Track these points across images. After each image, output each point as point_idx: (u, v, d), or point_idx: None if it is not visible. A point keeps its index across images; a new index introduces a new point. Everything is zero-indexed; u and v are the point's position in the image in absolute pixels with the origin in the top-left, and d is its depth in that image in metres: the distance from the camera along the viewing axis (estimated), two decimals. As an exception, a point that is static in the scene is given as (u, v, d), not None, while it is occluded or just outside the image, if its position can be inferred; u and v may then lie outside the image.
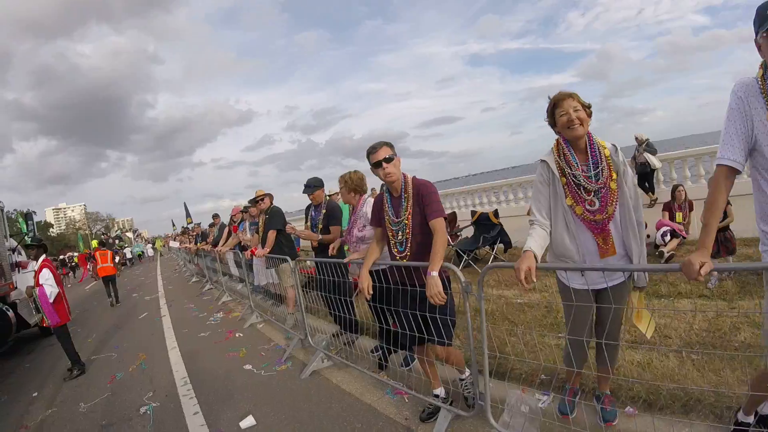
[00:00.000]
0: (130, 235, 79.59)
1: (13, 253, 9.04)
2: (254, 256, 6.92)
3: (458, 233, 10.72)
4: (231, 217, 10.24)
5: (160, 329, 8.36)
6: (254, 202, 7.17)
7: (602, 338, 2.62)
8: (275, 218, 6.74)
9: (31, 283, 6.57)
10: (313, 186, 5.72)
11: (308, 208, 5.98)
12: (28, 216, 10.50)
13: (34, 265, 10.19)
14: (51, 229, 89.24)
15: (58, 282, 6.48)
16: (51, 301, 6.26)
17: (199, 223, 14.35)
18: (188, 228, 22.50)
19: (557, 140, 2.74)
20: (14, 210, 28.37)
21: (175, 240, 17.75)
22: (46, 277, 6.33)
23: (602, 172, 2.60)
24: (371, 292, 3.45)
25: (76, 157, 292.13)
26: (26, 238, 9.73)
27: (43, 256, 6.66)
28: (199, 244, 13.24)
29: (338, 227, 5.48)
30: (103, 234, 61.19)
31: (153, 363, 6.36)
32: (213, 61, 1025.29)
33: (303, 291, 5.55)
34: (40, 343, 9.10)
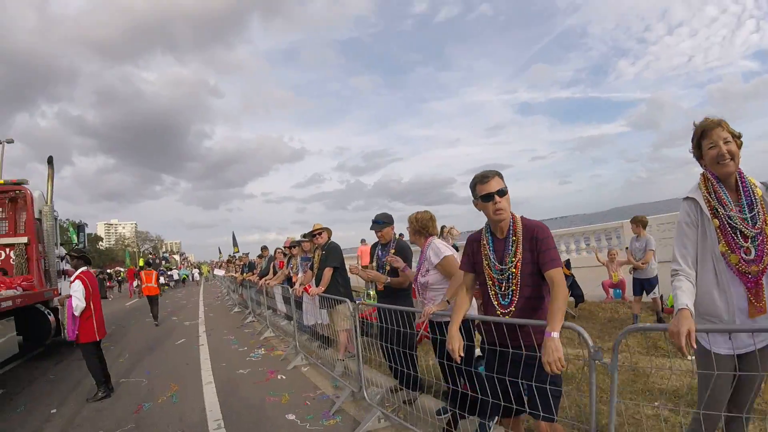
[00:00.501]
0: (176, 257, 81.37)
1: (62, 261, 9.14)
2: (307, 294, 6.37)
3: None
4: (281, 250, 9.87)
5: (196, 359, 7.82)
6: (311, 235, 6.67)
7: (743, 411, 2.22)
8: (333, 255, 6.23)
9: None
10: (382, 222, 5.14)
11: (374, 246, 5.44)
12: (80, 227, 10.91)
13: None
14: (100, 243, 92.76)
15: (93, 298, 6.03)
16: (76, 314, 5.84)
17: (247, 254, 14.05)
18: (235, 257, 22.41)
19: (704, 175, 2.34)
20: (67, 219, 29.01)
21: (220, 268, 17.52)
22: (75, 289, 5.92)
23: (758, 214, 2.17)
24: (462, 354, 2.82)
25: (131, 177, 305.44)
26: (79, 245, 10.36)
27: (84, 268, 6.25)
28: (245, 274, 12.88)
29: (410, 271, 4.90)
30: (150, 254, 62.72)
31: (185, 397, 5.78)
32: (270, 98, 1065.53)
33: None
34: (72, 354, 8.65)
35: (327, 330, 6.91)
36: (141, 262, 28.23)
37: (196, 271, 45.15)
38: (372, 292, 9.84)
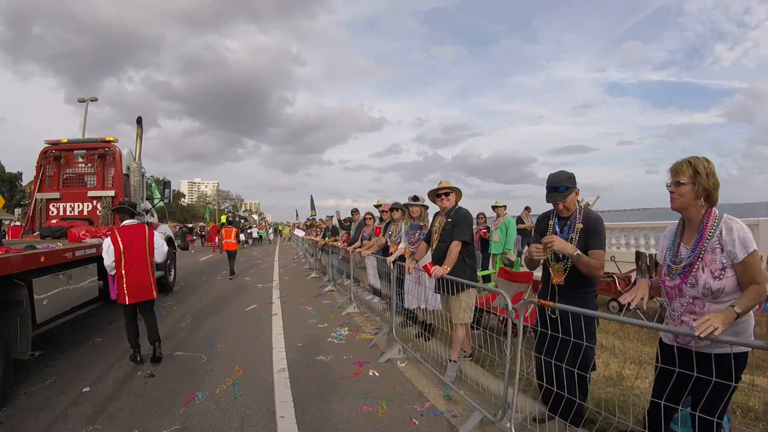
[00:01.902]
0: (255, 217, 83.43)
1: (146, 215, 9.46)
2: (428, 273, 4.67)
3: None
4: (371, 215, 8.36)
5: (267, 333, 6.46)
6: (435, 195, 4.87)
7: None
8: (463, 225, 4.58)
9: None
10: (565, 189, 3.20)
11: (542, 218, 3.62)
12: (165, 184, 11.34)
13: (165, 229, 11.29)
14: (183, 199, 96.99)
15: (128, 258, 5.19)
16: (109, 273, 5.24)
17: (331, 217, 12.66)
18: (313, 220, 21.39)
19: None
20: (151, 176, 29.50)
21: (301, 229, 16.34)
22: (105, 248, 5.23)
23: None
24: None
25: (215, 139, 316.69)
26: (161, 202, 11.34)
27: (127, 222, 5.43)
28: (327, 239, 11.52)
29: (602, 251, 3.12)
30: (230, 212, 64.41)
31: (250, 388, 4.39)
32: (351, 67, 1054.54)
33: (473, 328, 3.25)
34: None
35: (433, 317, 5.32)
36: (223, 219, 28.53)
37: (271, 231, 45.29)
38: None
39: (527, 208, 13.45)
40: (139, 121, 8.97)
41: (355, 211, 9.73)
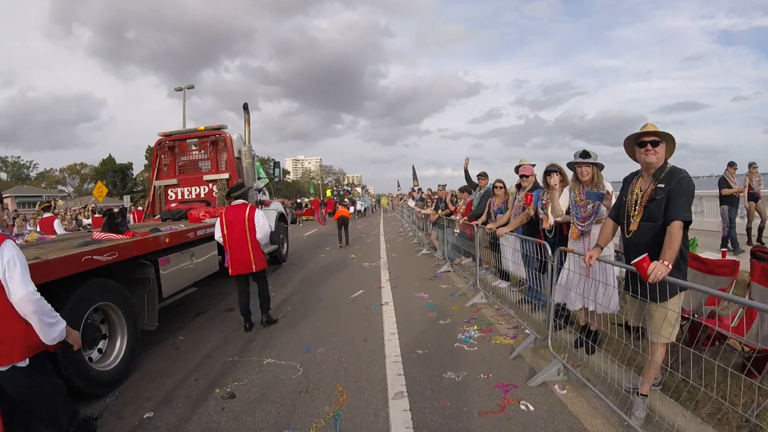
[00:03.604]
0: (358, 189, 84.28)
1: (259, 193, 10.20)
2: (644, 275, 3.06)
3: None
4: (501, 182, 6.81)
5: (378, 333, 5.22)
6: (639, 144, 3.26)
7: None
8: (685, 195, 2.98)
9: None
10: None
11: None
12: (276, 164, 13.02)
13: (277, 206, 11.81)
14: (288, 176, 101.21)
15: (231, 235, 5.66)
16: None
17: (445, 185, 11.19)
18: (418, 189, 20.04)
19: None
20: (256, 155, 30.38)
21: (411, 200, 15.03)
22: (216, 227, 5.86)
23: None
24: None
25: (314, 118, 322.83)
26: (274, 180, 13.37)
27: (237, 202, 5.88)
28: (440, 211, 10.08)
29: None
30: (335, 186, 65.53)
31: (358, 426, 3.19)
32: (442, 34, 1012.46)
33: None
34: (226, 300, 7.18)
35: (602, 321, 3.80)
36: (329, 193, 28.44)
37: (374, 201, 44.73)
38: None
39: (732, 165, 9.44)
40: (245, 107, 9.33)
41: (482, 176, 8.12)
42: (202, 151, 9.63)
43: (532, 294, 5.37)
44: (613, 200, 3.95)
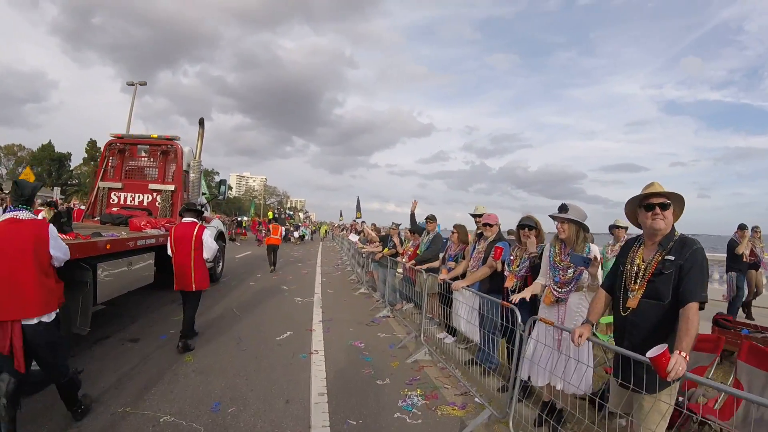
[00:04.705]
0: (300, 215, 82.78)
1: (202, 209, 9.51)
2: (662, 372, 2.36)
3: None
4: (459, 230, 6.25)
5: (304, 392, 4.38)
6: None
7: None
8: (701, 272, 2.55)
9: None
10: None
11: None
12: (222, 182, 13.19)
13: (217, 223, 11.52)
14: (230, 191, 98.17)
15: (177, 251, 5.68)
16: None
17: (399, 225, 10.44)
18: (362, 222, 19.35)
19: None
20: (202, 167, 29.48)
21: (354, 233, 14.12)
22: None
23: None
24: None
25: (266, 136, 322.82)
26: (218, 198, 13.37)
27: (187, 219, 5.87)
28: (386, 249, 9.38)
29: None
30: (277, 209, 63.86)
31: None
32: (404, 72, 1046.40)
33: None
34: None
35: (568, 402, 3.22)
36: (270, 215, 27.90)
37: (309, 231, 43.37)
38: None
39: (743, 228, 8.52)
40: (201, 122, 9.51)
41: (431, 219, 7.49)
42: (152, 159, 9.53)
43: (482, 356, 4.76)
44: (601, 268, 3.43)
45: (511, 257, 4.50)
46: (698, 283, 2.41)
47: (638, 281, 2.62)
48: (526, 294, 3.86)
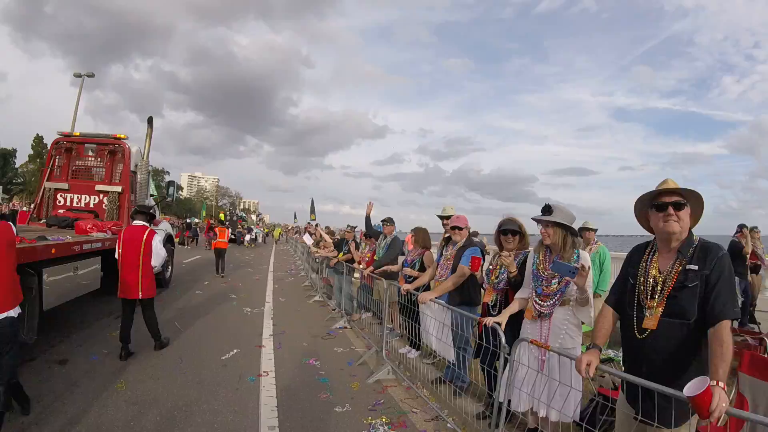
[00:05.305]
0: (253, 217, 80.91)
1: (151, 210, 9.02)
2: (703, 413, 1.86)
3: None
4: (418, 233, 5.78)
5: (252, 426, 3.78)
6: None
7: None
8: (731, 285, 2.17)
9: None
10: None
11: None
12: (170, 183, 12.92)
13: (166, 226, 11.31)
14: (180, 192, 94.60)
15: (123, 255, 5.44)
16: None
17: (355, 227, 9.70)
18: (316, 225, 18.69)
19: None
20: (151, 166, 28.22)
21: (309, 235, 13.50)
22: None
23: None
24: None
25: (218, 135, 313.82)
26: (167, 199, 12.53)
27: (138, 222, 5.69)
28: (341, 254, 8.80)
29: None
30: (228, 210, 62.16)
31: None
32: (360, 74, 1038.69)
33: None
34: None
35: (552, 429, 2.81)
36: (222, 217, 27.06)
37: (261, 234, 42.02)
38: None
39: (751, 228, 8.16)
40: (149, 121, 9.32)
41: (388, 222, 6.97)
42: (99, 159, 9.26)
43: (450, 374, 4.32)
44: (590, 277, 3.00)
45: (490, 266, 4.03)
46: (729, 296, 2.02)
47: (656, 297, 2.18)
48: (503, 318, 3.37)
